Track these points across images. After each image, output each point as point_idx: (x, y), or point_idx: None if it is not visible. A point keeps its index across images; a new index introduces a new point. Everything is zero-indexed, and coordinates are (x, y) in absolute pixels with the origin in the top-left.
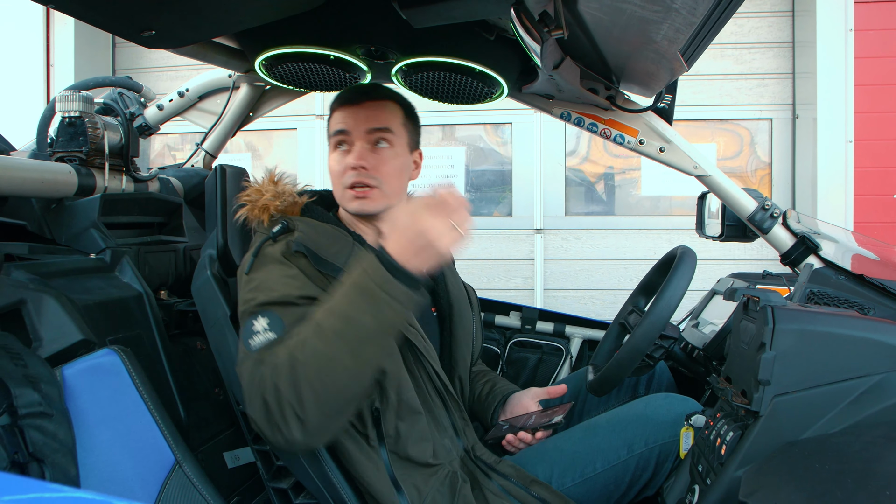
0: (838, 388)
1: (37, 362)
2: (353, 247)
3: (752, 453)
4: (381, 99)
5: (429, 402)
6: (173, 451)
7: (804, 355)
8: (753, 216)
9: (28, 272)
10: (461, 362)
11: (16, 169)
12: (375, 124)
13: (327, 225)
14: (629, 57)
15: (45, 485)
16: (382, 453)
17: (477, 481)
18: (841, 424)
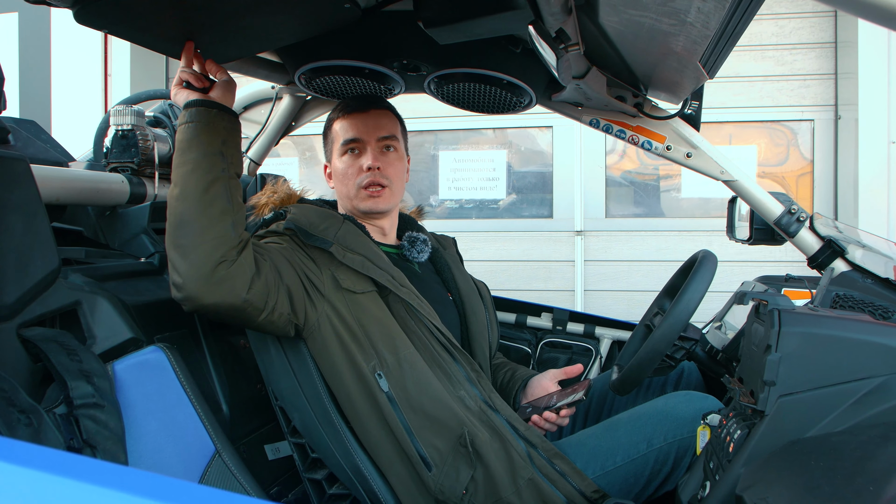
0: (841, 389)
1: (90, 358)
2: (344, 223)
3: (758, 451)
4: (383, 108)
5: (436, 357)
6: (213, 441)
7: (809, 357)
8: (780, 220)
9: (83, 275)
10: (479, 352)
11: (73, 179)
12: (385, 132)
13: (319, 207)
14: (653, 66)
15: (102, 464)
16: (398, 415)
17: (505, 438)
18: (843, 424)
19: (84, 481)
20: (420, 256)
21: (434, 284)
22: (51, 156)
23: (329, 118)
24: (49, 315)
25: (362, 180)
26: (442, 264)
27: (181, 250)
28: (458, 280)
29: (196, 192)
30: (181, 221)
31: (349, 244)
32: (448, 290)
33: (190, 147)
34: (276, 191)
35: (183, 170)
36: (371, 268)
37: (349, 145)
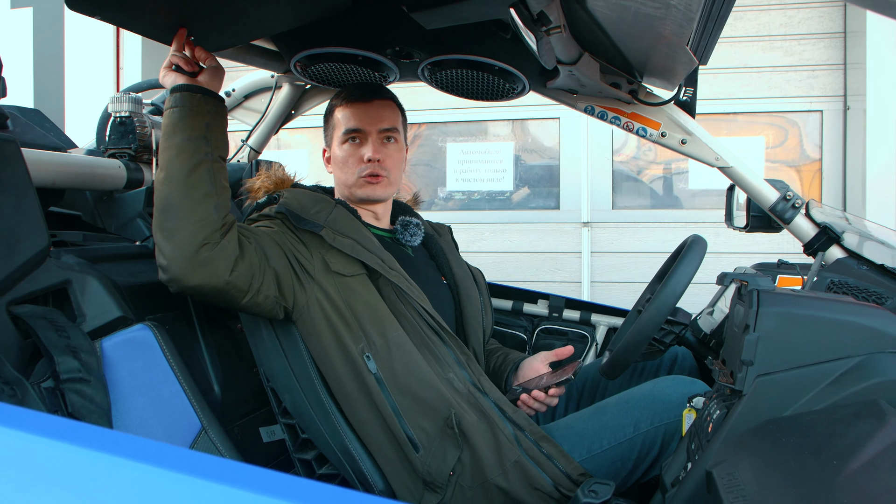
0: (819, 369)
1: (78, 335)
2: (336, 207)
3: (735, 430)
4: (386, 98)
5: (425, 340)
6: (200, 418)
7: (786, 337)
8: (775, 206)
9: (76, 256)
10: (473, 336)
11: (71, 164)
12: (386, 125)
13: (312, 192)
14: (645, 52)
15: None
16: (386, 396)
17: (492, 421)
18: (821, 404)
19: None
20: (413, 240)
21: (427, 268)
22: (49, 141)
23: (331, 104)
24: (39, 293)
25: (362, 170)
26: (436, 249)
27: (166, 233)
28: (452, 265)
29: (180, 176)
30: (166, 205)
31: (340, 228)
32: (442, 275)
33: (175, 131)
34: (270, 175)
35: (168, 154)
36: (361, 251)
37: (350, 135)
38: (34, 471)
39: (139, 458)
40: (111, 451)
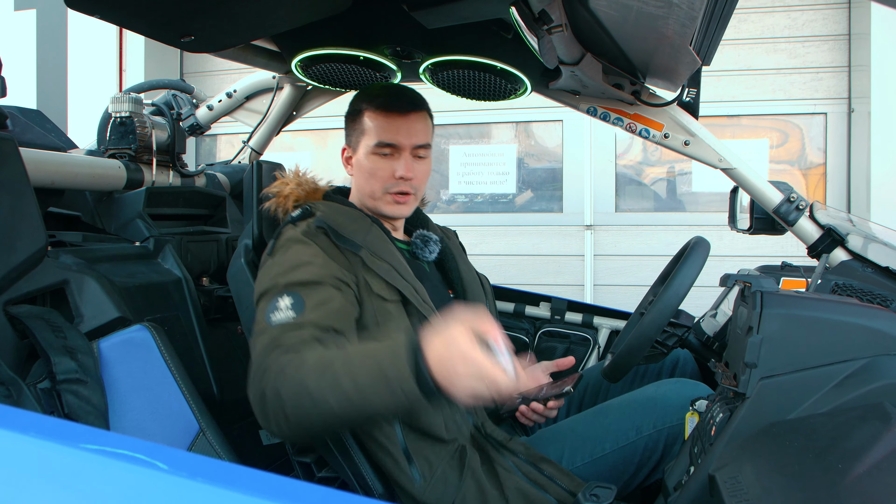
0: (823, 371)
1: (76, 335)
2: (371, 227)
3: (738, 433)
4: (422, 110)
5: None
6: (198, 419)
7: (790, 339)
8: (779, 208)
9: (74, 256)
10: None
11: (71, 164)
12: (422, 141)
13: (347, 208)
14: (648, 52)
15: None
16: (396, 426)
17: (488, 456)
18: (825, 407)
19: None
20: (430, 256)
21: (438, 284)
22: (49, 141)
23: (359, 105)
24: (37, 293)
25: (390, 186)
26: (450, 263)
27: (296, 422)
28: (462, 273)
29: (363, 421)
30: (327, 424)
31: (377, 250)
32: (451, 285)
33: (387, 397)
34: (301, 182)
35: (368, 407)
36: (397, 278)
37: (383, 148)
38: (29, 472)
39: (135, 460)
40: (107, 452)
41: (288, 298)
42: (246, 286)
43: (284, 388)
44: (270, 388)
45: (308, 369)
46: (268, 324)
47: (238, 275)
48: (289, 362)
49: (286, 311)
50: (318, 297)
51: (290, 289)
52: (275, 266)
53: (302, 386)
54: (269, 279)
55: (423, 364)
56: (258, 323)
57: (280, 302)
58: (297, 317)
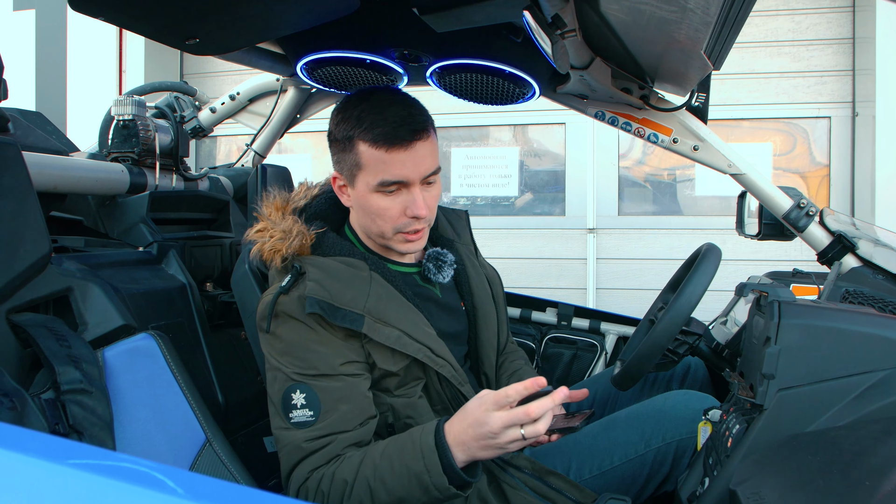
0: (843, 383)
1: (80, 344)
2: (372, 279)
3: (756, 446)
4: (426, 133)
5: (450, 410)
6: (204, 429)
7: (809, 350)
8: (788, 214)
9: (78, 263)
10: (486, 361)
11: (73, 168)
12: (431, 168)
13: (339, 261)
14: (658, 56)
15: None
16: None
17: (493, 475)
18: (845, 419)
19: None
20: (444, 280)
21: (448, 301)
22: (51, 145)
23: (350, 132)
24: (40, 301)
25: (403, 226)
26: (462, 276)
27: None
28: (473, 287)
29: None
30: None
31: (381, 314)
32: (462, 297)
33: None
34: (286, 231)
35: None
36: (408, 343)
37: (388, 186)
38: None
39: (143, 483)
40: (112, 474)
41: (301, 394)
42: (250, 292)
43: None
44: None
45: (347, 491)
46: (287, 421)
47: (242, 280)
48: (328, 485)
49: (303, 411)
50: (333, 394)
51: (300, 381)
52: (278, 340)
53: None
54: (272, 357)
55: (453, 462)
56: (278, 413)
57: (294, 397)
58: (315, 419)
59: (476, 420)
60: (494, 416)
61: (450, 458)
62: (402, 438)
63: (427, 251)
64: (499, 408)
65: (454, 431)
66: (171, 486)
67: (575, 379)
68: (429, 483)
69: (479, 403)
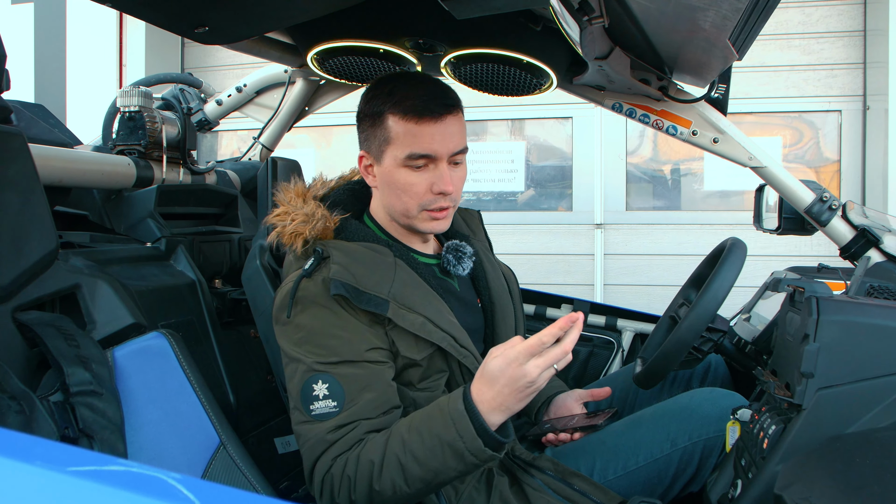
0: (885, 382)
1: (89, 343)
2: (396, 265)
3: (794, 447)
4: (457, 109)
5: None
6: (218, 432)
7: (850, 347)
8: (811, 208)
9: (85, 258)
10: None
11: (78, 161)
12: (460, 146)
13: (364, 246)
14: (679, 46)
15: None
16: None
17: (515, 477)
18: (888, 420)
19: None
20: (463, 273)
21: (465, 296)
22: (55, 137)
23: (382, 107)
24: (47, 298)
25: (428, 203)
26: (479, 271)
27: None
28: (490, 281)
29: (439, 487)
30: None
31: (406, 300)
32: (479, 293)
33: (462, 468)
34: (308, 216)
35: (447, 480)
36: (432, 331)
37: (416, 160)
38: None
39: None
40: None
41: (322, 385)
42: (262, 289)
43: (359, 497)
44: (343, 500)
45: (376, 472)
46: (308, 414)
47: (254, 277)
48: (353, 468)
49: (326, 402)
50: (357, 381)
51: (323, 370)
52: (297, 330)
53: (371, 491)
54: (291, 348)
55: (486, 425)
56: (299, 407)
57: (315, 388)
58: (339, 410)
59: (511, 378)
60: (531, 367)
61: (482, 420)
62: (427, 410)
63: (446, 243)
64: (532, 356)
65: (486, 399)
66: (189, 497)
67: (591, 377)
68: (463, 449)
69: (505, 362)
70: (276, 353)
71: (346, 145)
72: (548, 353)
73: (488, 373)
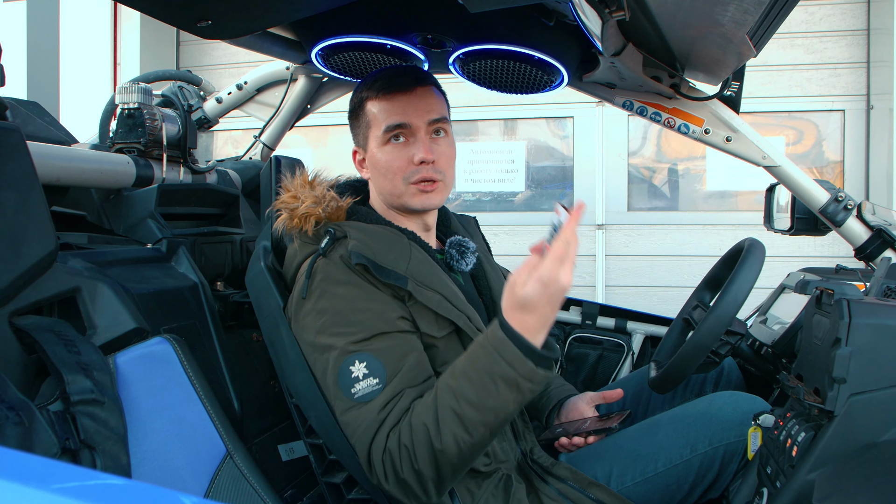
0: None
1: (90, 350)
2: (411, 247)
3: (826, 455)
4: (428, 84)
5: None
6: (224, 441)
7: (883, 352)
8: (826, 208)
9: (84, 260)
10: None
11: (76, 159)
12: (436, 115)
13: (378, 227)
14: (694, 42)
15: (94, 473)
16: None
17: (532, 485)
18: None
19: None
20: (467, 268)
21: (468, 293)
22: (52, 134)
23: (360, 97)
24: (45, 302)
25: (411, 175)
26: (480, 269)
27: (462, 472)
28: (490, 280)
29: (504, 424)
30: (476, 455)
31: (423, 277)
32: (480, 293)
33: (520, 397)
34: (319, 197)
35: (507, 417)
36: (449, 308)
37: (393, 132)
38: None
39: None
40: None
41: (360, 364)
42: (266, 291)
43: (421, 462)
44: (409, 472)
45: (433, 431)
46: (351, 399)
47: (258, 279)
48: (409, 436)
49: (367, 381)
50: (393, 352)
51: (357, 349)
52: (320, 316)
53: (433, 450)
54: (317, 335)
55: (531, 344)
56: (337, 394)
57: (353, 369)
58: (383, 385)
59: (552, 295)
60: (564, 275)
61: (525, 341)
62: (468, 352)
63: (448, 239)
64: (562, 264)
65: (530, 325)
66: None
67: (601, 381)
68: (516, 377)
69: (541, 285)
70: (281, 357)
71: (343, 146)
72: (569, 254)
73: (525, 300)
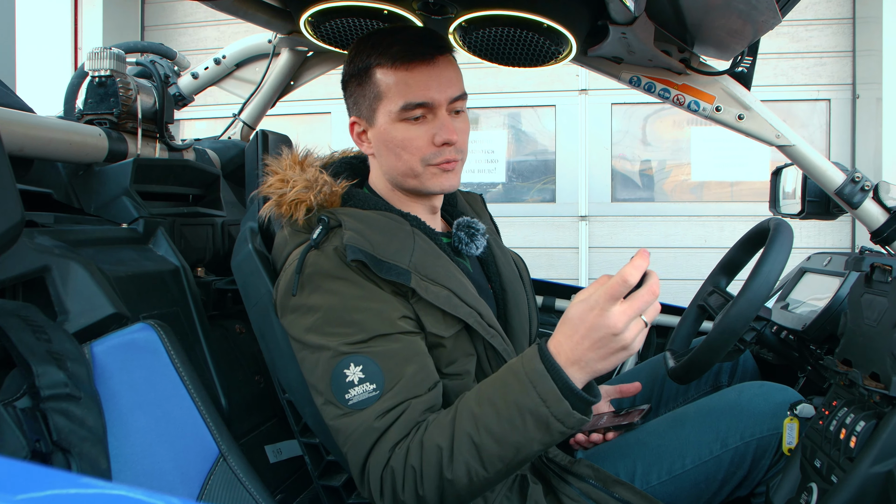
0: None
1: (62, 337)
2: (415, 235)
3: (891, 446)
4: (448, 52)
5: None
6: (217, 441)
7: None
8: (842, 190)
9: (53, 238)
10: (518, 351)
11: (42, 128)
12: (458, 91)
13: (377, 213)
14: (711, 11)
15: (72, 477)
16: None
17: (550, 485)
18: None
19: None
20: (476, 252)
21: (477, 279)
22: (13, 100)
23: (366, 62)
24: (9, 283)
25: (432, 157)
26: (487, 254)
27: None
28: (500, 266)
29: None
30: (487, 485)
31: (428, 271)
32: (489, 278)
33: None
34: (311, 181)
35: (530, 456)
36: (458, 305)
37: (413, 111)
38: None
39: None
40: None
41: (356, 368)
42: (255, 276)
43: (426, 489)
44: (410, 495)
45: (446, 458)
46: (345, 405)
47: (246, 263)
48: (418, 457)
49: (363, 387)
50: (394, 357)
51: (351, 352)
52: (311, 313)
53: (443, 479)
54: (308, 333)
55: (571, 383)
56: (330, 399)
57: (347, 373)
58: (381, 393)
59: (591, 326)
60: (614, 313)
61: (566, 378)
62: (499, 377)
63: (455, 221)
64: (615, 301)
65: (564, 351)
66: None
67: (605, 374)
68: (548, 415)
69: (585, 308)
70: (273, 349)
71: (326, 133)
72: (634, 297)
73: (568, 320)
